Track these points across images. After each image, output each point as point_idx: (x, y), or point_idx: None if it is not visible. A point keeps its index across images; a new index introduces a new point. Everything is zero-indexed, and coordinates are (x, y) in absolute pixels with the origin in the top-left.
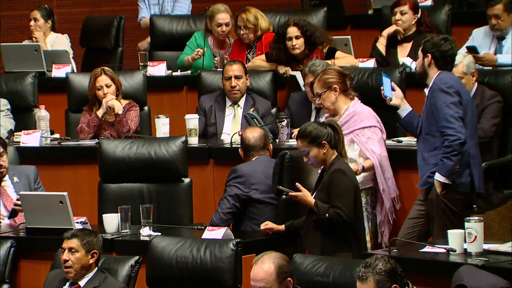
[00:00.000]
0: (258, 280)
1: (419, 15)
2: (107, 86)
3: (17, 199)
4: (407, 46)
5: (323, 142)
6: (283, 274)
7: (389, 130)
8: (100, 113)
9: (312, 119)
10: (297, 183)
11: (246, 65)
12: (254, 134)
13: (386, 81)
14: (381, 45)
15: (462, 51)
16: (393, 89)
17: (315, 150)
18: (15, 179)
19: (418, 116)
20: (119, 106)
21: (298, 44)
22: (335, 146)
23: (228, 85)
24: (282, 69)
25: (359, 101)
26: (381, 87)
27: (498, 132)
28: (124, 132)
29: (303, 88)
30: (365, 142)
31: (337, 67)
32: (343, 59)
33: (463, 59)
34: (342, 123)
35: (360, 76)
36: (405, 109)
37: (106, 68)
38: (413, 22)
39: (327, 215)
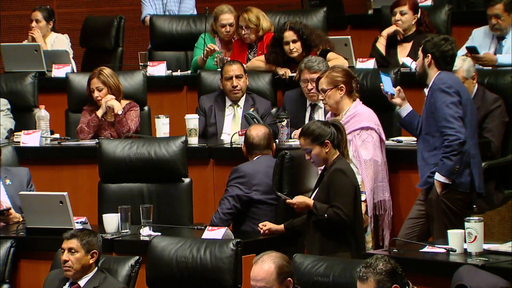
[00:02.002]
0: (258, 280)
1: (419, 15)
2: (98, 90)
3: (7, 208)
4: (407, 46)
5: (326, 141)
6: (283, 274)
7: (387, 130)
8: (99, 113)
9: (307, 116)
10: (296, 197)
11: (245, 66)
12: (258, 132)
13: (385, 78)
14: (381, 45)
15: (462, 51)
16: (394, 86)
17: (317, 148)
18: (8, 181)
19: (418, 116)
20: (118, 106)
21: (295, 48)
22: (338, 145)
23: (230, 85)
24: (281, 71)
25: (361, 102)
26: (381, 84)
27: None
28: (124, 132)
29: None
30: (359, 145)
31: (345, 67)
32: (334, 61)
33: (462, 63)
34: (343, 123)
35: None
36: (405, 109)
37: (104, 71)
38: (413, 22)
39: (325, 215)
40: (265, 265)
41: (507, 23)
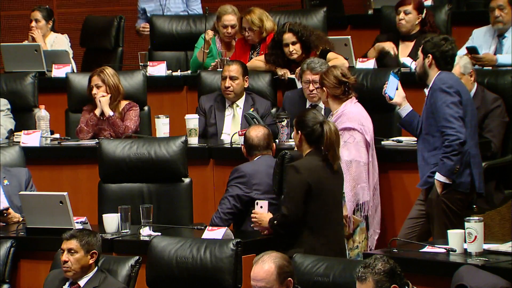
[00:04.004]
0: (258, 279)
1: (423, 15)
2: (97, 87)
3: (4, 207)
4: (409, 45)
5: (299, 130)
6: (283, 274)
7: (387, 130)
8: (97, 111)
9: None
10: (253, 211)
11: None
12: (257, 133)
13: (392, 80)
14: (373, 53)
15: (462, 51)
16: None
17: (295, 131)
18: (6, 182)
19: (418, 116)
20: (107, 110)
21: (295, 50)
22: (315, 143)
23: (223, 85)
24: (280, 71)
25: (354, 101)
26: (385, 86)
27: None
28: (120, 133)
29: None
30: (341, 146)
31: (339, 73)
32: (334, 61)
33: (459, 60)
34: None
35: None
36: (405, 109)
37: (106, 70)
38: (417, 22)
39: (275, 222)
40: (266, 265)
41: (510, 16)
